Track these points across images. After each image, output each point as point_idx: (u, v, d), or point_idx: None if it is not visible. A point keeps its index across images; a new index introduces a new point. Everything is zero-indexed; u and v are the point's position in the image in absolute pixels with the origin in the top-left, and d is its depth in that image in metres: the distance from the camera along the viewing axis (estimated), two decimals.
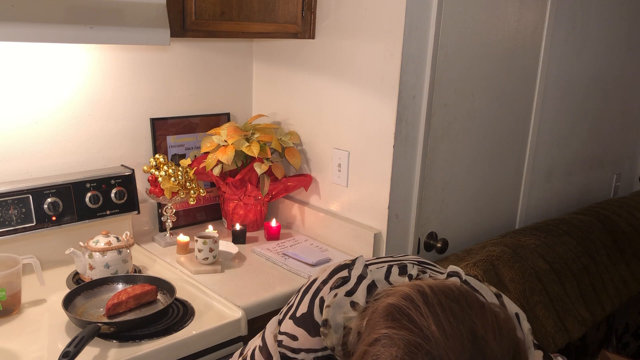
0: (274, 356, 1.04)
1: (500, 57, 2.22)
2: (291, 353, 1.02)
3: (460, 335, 0.78)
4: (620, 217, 2.68)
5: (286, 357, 1.03)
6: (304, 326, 1.02)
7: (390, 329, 0.80)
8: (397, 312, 0.82)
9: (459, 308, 0.81)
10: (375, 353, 0.80)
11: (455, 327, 0.78)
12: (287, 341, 1.03)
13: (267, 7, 1.94)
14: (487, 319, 0.81)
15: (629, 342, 2.70)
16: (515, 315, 1.00)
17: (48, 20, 1.46)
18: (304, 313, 1.03)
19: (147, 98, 2.11)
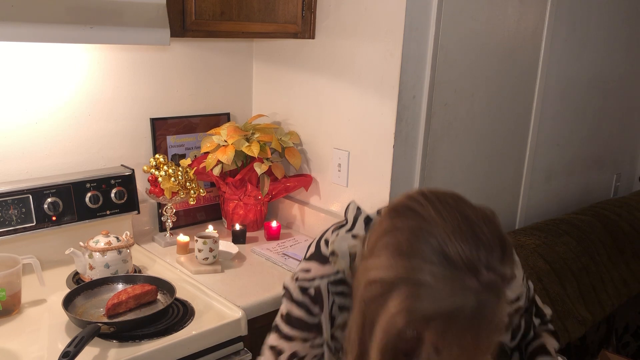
0: (293, 292, 1.13)
1: (500, 57, 2.22)
2: (308, 282, 1.11)
3: (456, 218, 0.89)
4: (620, 217, 2.68)
5: (304, 287, 1.11)
6: (314, 259, 1.13)
7: (394, 219, 0.93)
8: (399, 207, 0.95)
9: (453, 201, 0.94)
10: (383, 243, 0.91)
11: (451, 213, 0.90)
12: (302, 275, 1.12)
13: (267, 7, 1.94)
14: (477, 211, 0.93)
15: (629, 342, 2.70)
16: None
17: (48, 20, 1.46)
18: (312, 252, 1.15)
19: (147, 98, 2.11)
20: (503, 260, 0.88)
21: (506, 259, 0.89)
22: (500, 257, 0.88)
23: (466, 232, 0.88)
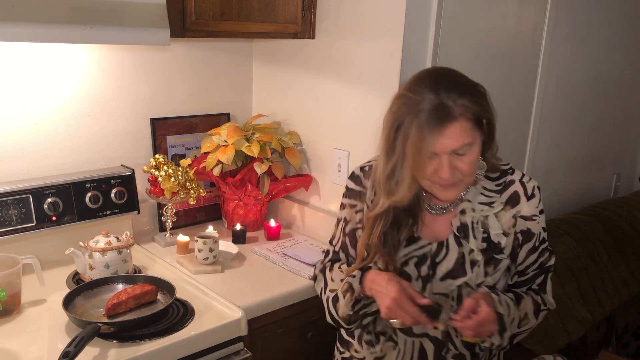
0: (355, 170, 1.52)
1: (500, 57, 2.22)
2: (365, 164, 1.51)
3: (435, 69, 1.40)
4: (620, 217, 2.68)
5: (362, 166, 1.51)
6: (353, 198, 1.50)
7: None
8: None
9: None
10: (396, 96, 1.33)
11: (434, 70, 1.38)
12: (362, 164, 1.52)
13: (267, 7, 1.94)
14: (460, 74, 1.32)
15: (629, 342, 2.70)
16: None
17: (48, 20, 1.46)
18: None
19: (147, 98, 2.11)
20: (461, 95, 1.23)
21: (465, 96, 1.23)
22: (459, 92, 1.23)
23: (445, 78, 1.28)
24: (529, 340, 2.00)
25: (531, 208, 1.37)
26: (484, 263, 1.35)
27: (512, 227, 1.37)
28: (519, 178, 1.40)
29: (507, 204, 1.37)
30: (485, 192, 1.38)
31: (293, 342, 1.79)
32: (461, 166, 1.26)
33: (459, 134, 1.22)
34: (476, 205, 1.37)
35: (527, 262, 1.40)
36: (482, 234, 1.36)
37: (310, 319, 1.81)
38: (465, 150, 1.25)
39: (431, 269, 1.38)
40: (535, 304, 1.40)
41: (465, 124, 1.23)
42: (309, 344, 1.83)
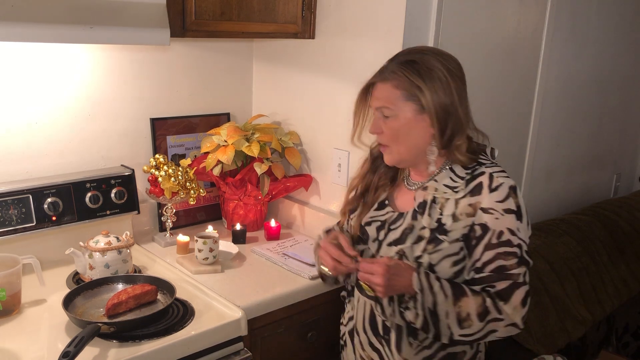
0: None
1: (500, 57, 2.22)
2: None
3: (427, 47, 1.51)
4: (620, 217, 2.68)
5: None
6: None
7: None
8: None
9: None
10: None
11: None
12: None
13: (267, 7, 1.94)
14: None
15: (629, 342, 2.70)
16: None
17: (48, 20, 1.46)
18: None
19: (147, 98, 2.11)
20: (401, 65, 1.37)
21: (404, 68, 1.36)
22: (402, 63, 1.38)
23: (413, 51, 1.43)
24: (529, 340, 2.00)
25: (491, 201, 1.37)
26: (428, 240, 1.39)
27: (467, 216, 1.38)
28: (491, 171, 1.40)
29: (469, 193, 1.39)
30: (453, 176, 1.43)
31: (293, 342, 1.79)
32: (384, 129, 1.42)
33: (382, 94, 1.40)
34: (441, 187, 1.43)
35: (483, 259, 1.37)
36: (439, 214, 1.40)
37: (310, 319, 1.81)
38: (388, 114, 1.40)
39: (385, 234, 1.48)
40: (484, 307, 1.34)
41: (392, 90, 1.38)
42: (309, 344, 1.83)
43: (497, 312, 1.34)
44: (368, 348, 1.54)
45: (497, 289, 1.36)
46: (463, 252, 1.39)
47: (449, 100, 1.36)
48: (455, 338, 1.36)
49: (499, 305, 1.35)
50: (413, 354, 1.45)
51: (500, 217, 1.36)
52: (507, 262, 1.36)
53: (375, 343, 1.52)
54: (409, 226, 1.44)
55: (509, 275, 1.35)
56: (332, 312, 1.84)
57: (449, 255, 1.39)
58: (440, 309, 1.34)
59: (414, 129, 1.39)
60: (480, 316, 1.34)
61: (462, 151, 1.41)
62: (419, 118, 1.38)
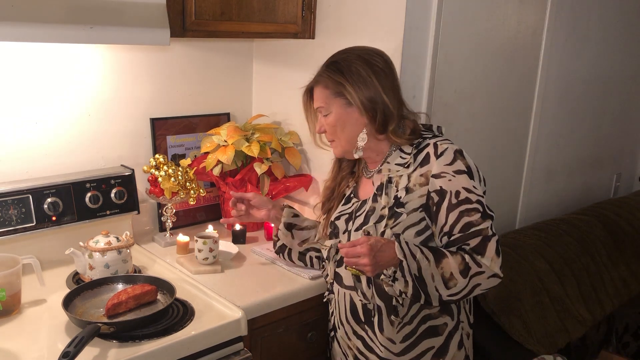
0: None
1: (500, 57, 2.22)
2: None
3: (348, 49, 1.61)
4: (620, 217, 2.68)
5: None
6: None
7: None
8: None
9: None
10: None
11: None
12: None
13: (267, 7, 1.94)
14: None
15: (629, 342, 2.69)
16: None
17: (48, 20, 1.46)
18: None
19: (147, 98, 2.11)
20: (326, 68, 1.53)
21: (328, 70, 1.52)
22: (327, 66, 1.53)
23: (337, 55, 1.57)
24: (529, 340, 2.00)
25: (440, 166, 1.46)
26: (388, 217, 1.49)
27: (420, 186, 1.47)
28: (434, 141, 1.51)
29: (419, 165, 1.50)
30: (402, 154, 1.54)
31: (293, 342, 1.79)
32: (325, 125, 1.56)
33: (317, 96, 1.56)
34: (393, 166, 1.54)
35: (450, 222, 1.44)
36: (395, 192, 1.50)
37: (310, 319, 1.81)
38: (324, 112, 1.55)
39: (353, 223, 1.58)
40: (464, 264, 1.40)
41: (322, 91, 1.53)
42: (309, 344, 1.83)
43: (477, 265, 1.41)
44: (353, 337, 1.61)
45: (471, 246, 1.43)
46: (425, 222, 1.48)
47: (372, 91, 1.49)
48: (445, 299, 1.43)
49: (477, 259, 1.41)
50: (395, 332, 1.52)
51: (452, 178, 1.45)
52: (472, 218, 1.43)
53: (359, 330, 1.59)
54: (370, 208, 1.54)
55: (478, 231, 1.43)
56: None
57: (411, 226, 1.48)
58: (426, 273, 1.40)
59: (347, 122, 1.53)
60: (462, 273, 1.41)
61: (398, 134, 1.52)
62: (349, 111, 1.52)
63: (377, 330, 1.54)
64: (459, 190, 1.43)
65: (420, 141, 1.53)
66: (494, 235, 1.44)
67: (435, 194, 1.45)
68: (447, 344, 1.55)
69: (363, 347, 1.59)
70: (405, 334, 1.53)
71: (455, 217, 1.43)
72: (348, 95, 1.49)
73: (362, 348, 1.59)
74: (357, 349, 1.61)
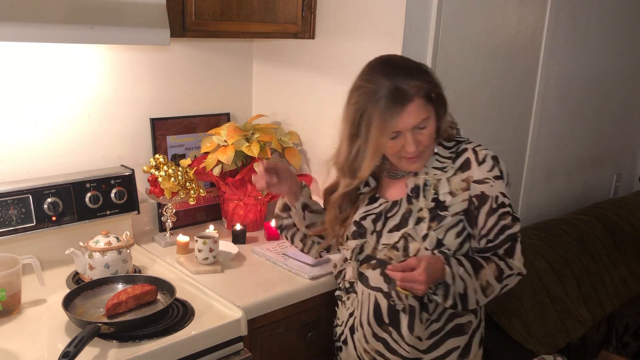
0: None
1: (500, 57, 2.22)
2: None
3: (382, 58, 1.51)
4: (620, 217, 2.68)
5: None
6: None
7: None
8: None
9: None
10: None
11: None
12: None
13: (267, 7, 1.94)
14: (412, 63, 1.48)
15: (629, 342, 2.70)
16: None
17: (48, 20, 1.46)
18: None
19: (147, 98, 2.11)
20: (413, 77, 1.40)
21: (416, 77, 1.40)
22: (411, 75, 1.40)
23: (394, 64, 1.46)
24: (529, 340, 2.00)
25: (482, 172, 1.49)
26: (430, 219, 1.49)
27: (462, 190, 1.49)
28: (473, 147, 1.53)
29: (458, 169, 1.51)
30: (439, 158, 1.53)
31: (293, 342, 1.79)
32: (422, 139, 1.45)
33: (417, 111, 1.41)
34: (430, 170, 1.53)
35: (489, 225, 1.49)
36: (433, 195, 1.51)
37: (310, 319, 1.81)
38: (425, 124, 1.44)
39: (383, 224, 1.55)
40: (498, 270, 1.47)
41: (420, 101, 1.41)
42: (309, 344, 1.83)
43: (509, 268, 1.49)
44: (372, 340, 1.58)
45: (503, 249, 1.50)
46: (462, 224, 1.50)
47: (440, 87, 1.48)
48: (481, 305, 1.53)
49: (508, 262, 1.49)
50: (423, 329, 1.53)
51: (493, 184, 1.49)
52: (506, 221, 1.49)
53: (380, 333, 1.56)
54: (406, 210, 1.52)
55: (512, 235, 1.50)
56: (332, 312, 1.84)
57: (451, 228, 1.49)
58: (470, 291, 1.45)
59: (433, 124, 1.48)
60: (497, 279, 1.48)
61: (449, 125, 1.54)
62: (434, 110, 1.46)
63: (407, 330, 1.52)
64: (497, 195, 1.48)
65: (456, 146, 1.54)
66: (520, 237, 1.52)
67: (476, 198, 1.49)
68: (470, 343, 1.57)
69: (384, 349, 1.56)
70: (433, 331, 1.54)
71: (494, 220, 1.49)
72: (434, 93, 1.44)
73: (382, 350, 1.56)
74: (376, 352, 1.58)
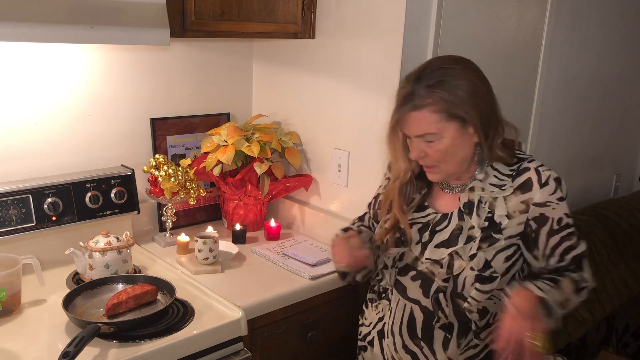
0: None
1: (500, 57, 2.22)
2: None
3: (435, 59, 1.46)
4: (620, 217, 2.68)
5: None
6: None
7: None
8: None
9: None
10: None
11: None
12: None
13: (267, 7, 1.94)
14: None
15: (629, 342, 2.70)
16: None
17: (48, 20, 1.46)
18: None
19: (147, 98, 2.11)
20: (433, 87, 1.33)
21: (437, 90, 1.33)
22: (433, 86, 1.34)
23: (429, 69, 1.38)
24: None
25: (544, 195, 1.41)
26: (481, 239, 1.41)
27: (520, 213, 1.42)
28: (535, 166, 1.44)
29: (517, 189, 1.43)
30: (498, 174, 1.45)
31: (293, 342, 1.79)
32: (430, 153, 1.39)
33: (422, 122, 1.36)
34: (487, 186, 1.44)
35: (550, 245, 1.43)
36: (487, 213, 1.43)
37: (310, 319, 1.81)
38: (432, 139, 1.37)
39: (430, 236, 1.48)
40: (575, 283, 1.42)
41: (431, 115, 1.35)
42: (309, 344, 1.83)
43: (584, 281, 1.44)
44: (401, 350, 1.53)
45: (574, 267, 1.45)
46: (514, 248, 1.43)
47: (485, 106, 1.39)
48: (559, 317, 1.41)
49: (583, 275, 1.44)
50: (458, 353, 1.47)
51: (556, 206, 1.42)
52: (571, 242, 1.44)
53: (410, 345, 1.51)
54: (457, 227, 1.45)
55: (578, 256, 1.44)
56: (332, 312, 1.85)
57: (502, 250, 1.42)
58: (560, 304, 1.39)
59: (460, 145, 1.39)
60: (575, 292, 1.42)
61: (501, 148, 1.44)
62: (464, 133, 1.38)
63: (440, 347, 1.47)
64: (561, 217, 1.42)
65: (518, 163, 1.45)
66: (586, 253, 1.47)
67: (534, 221, 1.42)
68: None
69: None
70: (467, 357, 1.48)
71: (557, 240, 1.43)
72: (467, 118, 1.35)
73: None
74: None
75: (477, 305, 1.43)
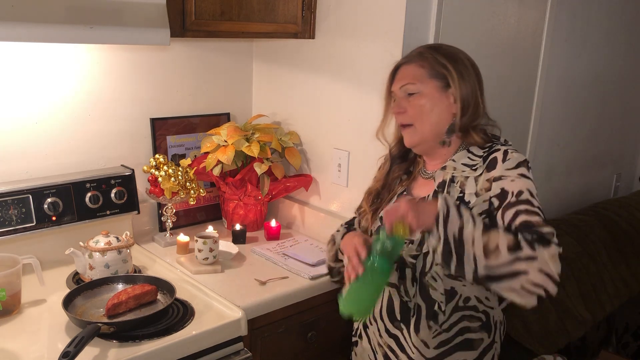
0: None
1: (500, 57, 2.22)
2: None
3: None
4: (621, 217, 2.68)
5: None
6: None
7: None
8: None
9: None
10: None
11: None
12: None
13: (267, 7, 1.94)
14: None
15: (629, 342, 2.70)
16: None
17: (48, 20, 1.46)
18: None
19: (147, 98, 2.11)
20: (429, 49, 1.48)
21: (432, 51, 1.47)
22: (431, 48, 1.49)
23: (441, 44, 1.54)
24: (529, 340, 2.00)
25: (503, 170, 1.40)
26: None
27: (485, 191, 1.42)
28: (505, 149, 1.45)
29: (486, 169, 1.44)
30: (471, 155, 1.48)
31: (293, 342, 1.79)
32: (408, 108, 1.46)
33: (407, 74, 1.46)
34: (459, 165, 1.47)
35: (506, 219, 1.33)
36: (459, 193, 1.45)
37: (310, 319, 1.81)
38: (412, 90, 1.45)
39: None
40: (515, 242, 1.24)
41: (416, 69, 1.45)
42: (309, 344, 1.83)
43: (531, 249, 1.23)
44: (385, 335, 1.56)
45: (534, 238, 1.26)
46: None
47: (471, 85, 1.45)
48: (480, 272, 1.24)
49: (534, 245, 1.24)
50: (431, 337, 1.48)
51: (515, 179, 1.38)
52: (532, 219, 1.30)
53: (392, 329, 1.55)
54: None
55: (542, 233, 1.27)
56: (332, 312, 1.84)
57: None
58: (467, 234, 1.25)
59: (437, 106, 1.45)
60: (510, 249, 1.23)
61: (478, 133, 1.48)
62: (443, 95, 1.44)
63: (413, 330, 1.49)
64: (521, 190, 1.34)
65: (491, 146, 1.48)
66: (558, 245, 1.29)
67: (496, 197, 1.38)
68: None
69: (395, 346, 1.55)
70: (441, 341, 1.48)
71: (511, 214, 1.32)
72: (450, 79, 1.42)
73: (394, 346, 1.55)
74: (388, 347, 1.57)
75: (442, 285, 1.44)
